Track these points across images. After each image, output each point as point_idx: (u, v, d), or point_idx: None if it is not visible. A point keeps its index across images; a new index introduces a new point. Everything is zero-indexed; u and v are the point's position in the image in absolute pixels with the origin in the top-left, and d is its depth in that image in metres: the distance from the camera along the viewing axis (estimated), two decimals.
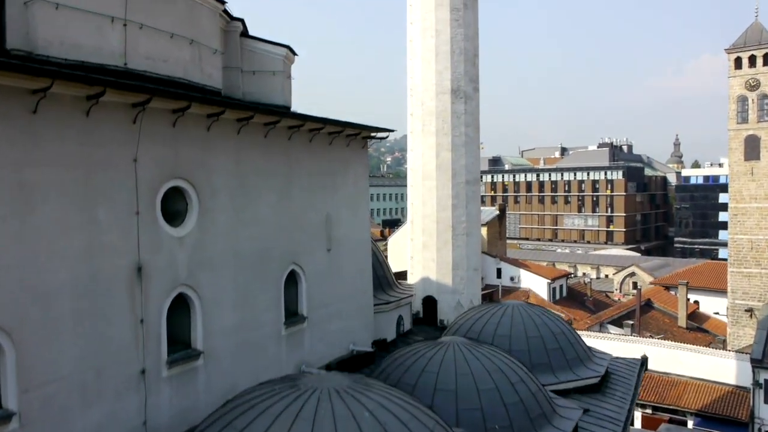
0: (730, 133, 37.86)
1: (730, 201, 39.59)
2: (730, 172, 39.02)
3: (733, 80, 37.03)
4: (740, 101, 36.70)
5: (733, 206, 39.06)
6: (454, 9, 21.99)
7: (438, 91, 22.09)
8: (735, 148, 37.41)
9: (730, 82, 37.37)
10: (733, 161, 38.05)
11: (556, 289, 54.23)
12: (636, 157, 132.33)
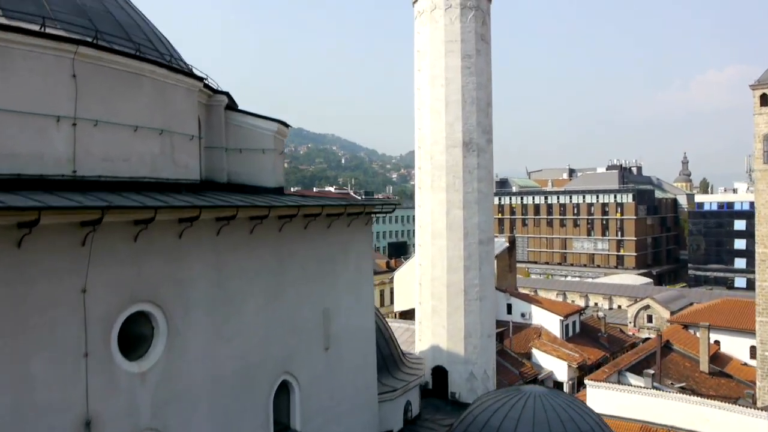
0: (756, 173, 35.91)
1: (758, 246, 37.48)
2: (757, 216, 36.95)
3: (758, 118, 35.09)
4: (767, 140, 34.80)
5: (761, 251, 36.95)
6: (465, 56, 20.32)
7: (448, 144, 20.35)
8: (762, 189, 35.38)
9: (756, 120, 35.44)
10: (760, 203, 36.03)
11: (569, 325, 52.07)
12: (645, 178, 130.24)
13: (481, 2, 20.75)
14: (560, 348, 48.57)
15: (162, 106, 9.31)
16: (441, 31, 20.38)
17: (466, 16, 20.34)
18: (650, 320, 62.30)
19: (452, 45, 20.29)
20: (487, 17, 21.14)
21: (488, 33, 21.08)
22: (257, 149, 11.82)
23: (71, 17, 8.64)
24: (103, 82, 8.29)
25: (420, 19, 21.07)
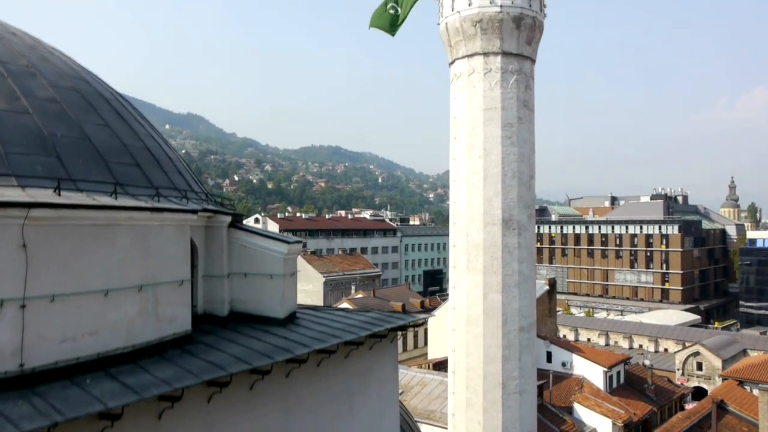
0: None
1: None
2: None
3: None
4: None
5: None
6: (506, 125, 18.52)
7: (486, 222, 18.50)
8: None
9: None
10: None
11: (613, 377, 49.18)
12: (692, 208, 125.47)
13: (524, 65, 18.97)
14: (604, 403, 45.76)
15: (143, 255, 7.77)
16: (479, 97, 18.65)
17: (507, 81, 18.58)
18: (700, 368, 58.78)
19: (492, 113, 18.52)
20: (531, 80, 19.33)
21: (532, 98, 19.26)
22: (264, 274, 10.22)
23: (31, 161, 7.20)
24: (64, 245, 6.78)
25: (456, 83, 19.39)
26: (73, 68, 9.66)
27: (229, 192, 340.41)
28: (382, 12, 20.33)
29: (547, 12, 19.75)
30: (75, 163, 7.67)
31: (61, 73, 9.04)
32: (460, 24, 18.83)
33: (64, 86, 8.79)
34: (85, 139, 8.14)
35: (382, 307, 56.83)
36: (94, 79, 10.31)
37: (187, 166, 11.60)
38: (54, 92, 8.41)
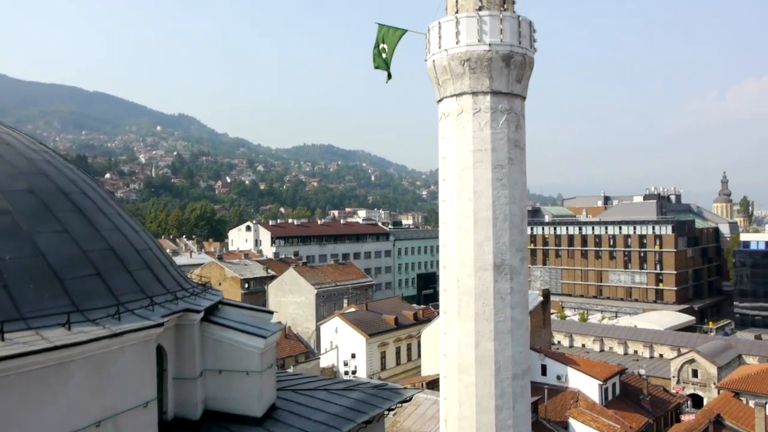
0: None
1: None
2: None
3: None
4: None
5: None
6: (497, 166, 17.92)
7: (477, 267, 17.92)
8: None
9: None
10: None
11: (608, 389, 48.77)
12: (685, 206, 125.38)
13: (514, 104, 18.37)
14: (599, 417, 45.35)
15: (101, 386, 7.14)
16: (469, 138, 18.04)
17: (497, 122, 17.99)
18: (695, 375, 58.54)
19: (482, 154, 17.92)
20: (522, 119, 18.74)
21: (522, 138, 18.67)
22: (240, 371, 9.59)
23: None
24: (7, 398, 6.12)
25: (445, 122, 18.79)
26: (30, 158, 8.99)
27: (221, 194, 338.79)
28: (378, 54, 19.69)
29: (537, 46, 19.17)
30: (25, 291, 7.02)
31: (15, 172, 8.37)
32: (447, 62, 18.21)
33: (18, 189, 8.13)
34: (38, 256, 7.49)
35: (374, 321, 56.29)
36: (56, 166, 9.63)
37: (159, 247, 10.94)
38: (6, 201, 7.76)
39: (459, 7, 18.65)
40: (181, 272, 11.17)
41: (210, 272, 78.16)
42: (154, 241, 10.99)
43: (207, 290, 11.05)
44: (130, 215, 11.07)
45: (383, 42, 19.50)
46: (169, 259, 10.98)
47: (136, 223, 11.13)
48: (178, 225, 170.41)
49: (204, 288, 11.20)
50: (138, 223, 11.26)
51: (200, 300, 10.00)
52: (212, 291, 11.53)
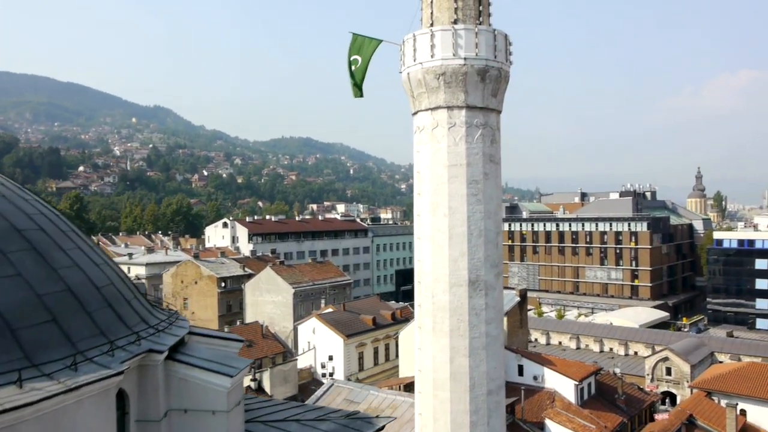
0: None
1: None
2: None
3: None
4: None
5: None
6: (472, 182, 17.79)
7: (452, 283, 17.80)
8: None
9: None
10: None
11: (584, 389, 49.23)
12: (660, 203, 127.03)
13: (490, 118, 18.24)
14: (575, 417, 45.73)
15: None
16: (444, 153, 17.88)
17: (472, 136, 17.84)
18: (669, 373, 59.42)
19: (457, 170, 17.77)
20: (497, 133, 18.63)
21: (498, 152, 18.57)
22: (206, 410, 9.33)
23: None
24: None
25: (419, 136, 18.59)
26: None
27: (198, 187, 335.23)
28: (352, 76, 19.11)
29: (512, 59, 19.04)
30: None
31: None
32: (422, 76, 18.00)
33: None
34: None
35: (352, 321, 56.12)
36: (9, 198, 9.23)
37: (123, 277, 10.59)
38: None
39: (434, 20, 18.44)
40: (146, 303, 10.85)
41: (186, 270, 77.35)
42: (117, 271, 10.64)
43: (174, 321, 10.74)
44: (92, 246, 10.72)
45: (358, 53, 19.12)
46: (134, 289, 10.65)
47: (100, 253, 10.78)
48: (154, 220, 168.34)
49: (171, 319, 10.89)
50: (101, 253, 10.93)
51: (165, 337, 9.69)
52: (180, 320, 11.22)
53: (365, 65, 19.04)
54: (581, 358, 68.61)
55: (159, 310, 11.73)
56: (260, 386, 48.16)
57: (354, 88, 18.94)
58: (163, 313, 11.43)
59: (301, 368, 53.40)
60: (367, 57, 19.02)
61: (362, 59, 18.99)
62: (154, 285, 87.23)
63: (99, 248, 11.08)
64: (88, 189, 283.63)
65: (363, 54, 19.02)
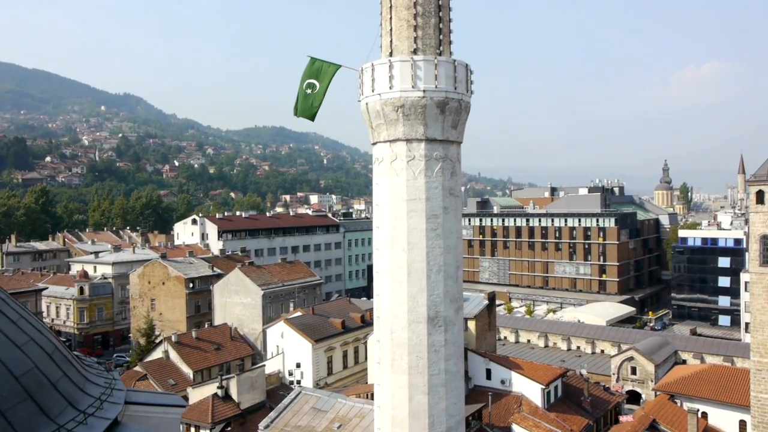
0: (752, 276, 33.48)
1: (752, 354, 35.21)
2: (753, 321, 34.62)
3: (754, 216, 32.47)
4: (763, 241, 32.27)
5: (757, 360, 34.64)
6: (431, 216, 17.45)
7: (411, 320, 17.49)
8: (758, 294, 32.88)
9: (752, 218, 32.92)
10: (755, 308, 33.58)
11: (551, 392, 49.66)
12: (628, 198, 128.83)
13: (450, 150, 17.89)
14: (541, 422, 46.10)
15: None
16: (402, 187, 17.49)
17: (432, 170, 17.48)
18: (634, 372, 60.22)
19: (415, 204, 17.42)
20: (457, 165, 18.30)
21: (458, 184, 18.25)
22: None
23: None
24: None
25: (378, 168, 18.19)
26: None
27: (169, 178, 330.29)
28: (304, 97, 18.63)
29: (473, 88, 18.69)
30: None
31: None
32: (381, 107, 17.56)
33: None
34: None
35: (320, 325, 55.72)
36: None
37: (52, 348, 10.00)
38: None
39: (393, 49, 17.98)
40: (79, 374, 10.28)
41: (153, 271, 76.02)
42: (44, 344, 10.02)
43: (109, 396, 10.20)
44: (19, 312, 10.11)
45: (315, 77, 18.58)
46: (65, 360, 10.07)
47: (26, 321, 10.17)
48: (123, 214, 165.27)
49: (107, 391, 10.35)
50: (29, 319, 10.31)
51: (95, 421, 9.18)
52: (116, 390, 10.69)
53: (323, 91, 18.56)
54: (549, 357, 69.37)
55: (97, 373, 11.21)
56: (227, 393, 47.59)
57: (304, 110, 18.45)
58: (100, 379, 10.91)
59: (270, 373, 52.88)
60: (325, 83, 18.53)
61: (321, 85, 18.49)
62: (121, 285, 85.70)
63: (26, 312, 10.49)
64: (56, 180, 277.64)
65: (321, 79, 18.51)
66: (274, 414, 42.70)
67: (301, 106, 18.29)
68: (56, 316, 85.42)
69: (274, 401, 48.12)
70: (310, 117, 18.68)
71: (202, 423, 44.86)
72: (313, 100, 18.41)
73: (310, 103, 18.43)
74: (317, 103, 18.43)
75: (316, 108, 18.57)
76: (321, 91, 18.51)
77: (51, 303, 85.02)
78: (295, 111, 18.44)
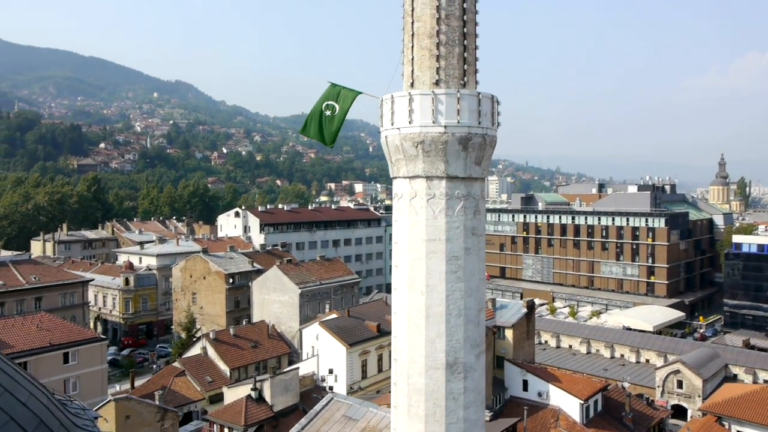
0: None
1: None
2: None
3: None
4: None
5: None
6: (452, 258, 16.51)
7: (429, 365, 16.66)
8: None
9: None
10: None
11: (590, 407, 48.14)
12: (680, 196, 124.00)
13: (473, 188, 16.87)
14: None
15: None
16: (422, 226, 16.59)
17: (453, 209, 16.51)
18: (680, 386, 57.92)
19: (435, 245, 16.50)
20: (481, 202, 17.28)
21: (481, 223, 17.22)
22: None
23: None
24: None
25: (398, 204, 17.32)
26: None
27: (217, 165, 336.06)
28: (321, 119, 17.91)
29: (500, 120, 17.60)
30: None
31: None
32: (400, 142, 16.66)
33: None
34: None
35: (355, 328, 55.37)
36: None
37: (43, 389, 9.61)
38: None
39: (415, 79, 17.02)
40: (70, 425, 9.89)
41: (195, 265, 77.17)
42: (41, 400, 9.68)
43: None
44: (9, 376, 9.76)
45: (334, 101, 17.83)
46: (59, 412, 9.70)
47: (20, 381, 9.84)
48: (171, 202, 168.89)
49: None
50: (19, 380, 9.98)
51: None
52: None
53: (343, 115, 17.84)
54: (591, 364, 67.42)
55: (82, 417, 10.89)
56: (261, 395, 47.75)
57: (317, 132, 17.74)
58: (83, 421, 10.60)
59: (304, 375, 52.88)
60: (345, 108, 17.79)
61: (340, 109, 17.75)
62: (164, 276, 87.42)
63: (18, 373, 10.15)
64: (109, 166, 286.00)
65: (341, 104, 17.77)
66: (305, 421, 42.53)
67: (315, 128, 17.59)
68: (103, 305, 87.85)
69: (307, 404, 48.08)
70: (330, 141, 17.97)
71: (236, 425, 45.12)
72: (332, 124, 17.72)
73: (329, 126, 17.73)
74: (335, 127, 17.71)
75: (335, 133, 17.86)
76: (340, 115, 17.78)
77: (98, 292, 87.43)
78: (305, 130, 17.79)
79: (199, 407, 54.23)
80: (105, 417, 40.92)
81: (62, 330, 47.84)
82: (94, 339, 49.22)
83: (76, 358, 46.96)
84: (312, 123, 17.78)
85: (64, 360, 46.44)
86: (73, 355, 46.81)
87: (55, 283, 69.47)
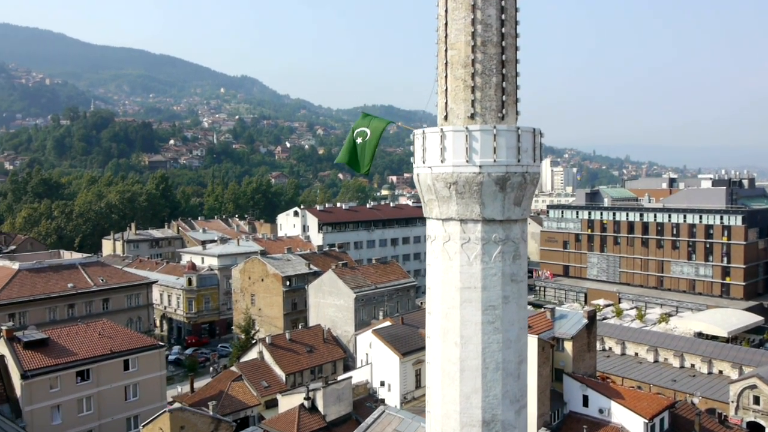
0: None
1: None
2: None
3: None
4: None
5: None
6: (488, 308, 15.23)
7: (464, 422, 15.48)
8: None
9: None
10: None
11: (656, 426, 45.52)
12: (759, 191, 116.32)
13: (512, 231, 15.49)
14: None
15: None
16: (456, 273, 15.38)
17: (489, 255, 15.21)
18: (757, 402, 54.09)
19: (470, 293, 15.27)
20: (522, 245, 15.86)
21: (522, 269, 15.82)
22: None
23: None
24: None
25: (431, 247, 16.17)
26: None
27: (280, 159, 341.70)
28: (350, 146, 17.32)
29: (543, 154, 16.12)
30: None
31: None
32: (431, 182, 15.49)
33: None
34: None
35: (409, 337, 54.44)
36: None
37: None
38: None
39: (448, 112, 15.77)
40: None
41: (253, 267, 78.10)
42: None
43: None
44: None
45: (367, 127, 17.26)
46: None
47: None
48: (235, 198, 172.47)
49: None
50: None
51: None
52: None
53: (374, 144, 17.16)
54: (659, 374, 64.01)
55: None
56: (314, 405, 47.53)
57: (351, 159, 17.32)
58: None
59: (357, 383, 52.42)
60: (376, 136, 17.16)
61: (372, 136, 17.13)
62: (226, 276, 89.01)
63: None
64: (178, 162, 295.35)
65: (372, 131, 17.16)
66: None
67: (349, 155, 17.04)
68: (168, 305, 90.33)
69: (360, 413, 47.62)
70: (364, 169, 17.42)
71: None
72: (364, 152, 17.08)
73: (363, 155, 17.15)
74: (369, 156, 17.03)
75: (369, 161, 17.19)
76: (372, 143, 17.15)
77: (163, 292, 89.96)
78: (343, 159, 17.35)
79: (256, 412, 54.68)
80: (160, 427, 41.67)
81: (123, 337, 49.03)
82: (153, 346, 50.22)
83: (136, 365, 48.02)
84: (346, 152, 17.29)
85: (125, 367, 47.55)
86: (133, 362, 47.87)
87: (122, 285, 71.66)
